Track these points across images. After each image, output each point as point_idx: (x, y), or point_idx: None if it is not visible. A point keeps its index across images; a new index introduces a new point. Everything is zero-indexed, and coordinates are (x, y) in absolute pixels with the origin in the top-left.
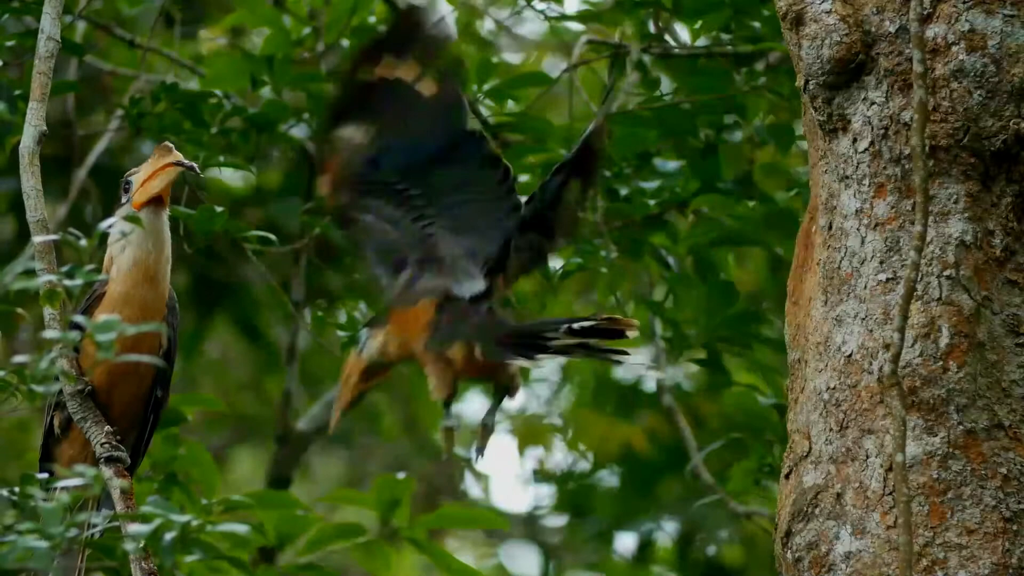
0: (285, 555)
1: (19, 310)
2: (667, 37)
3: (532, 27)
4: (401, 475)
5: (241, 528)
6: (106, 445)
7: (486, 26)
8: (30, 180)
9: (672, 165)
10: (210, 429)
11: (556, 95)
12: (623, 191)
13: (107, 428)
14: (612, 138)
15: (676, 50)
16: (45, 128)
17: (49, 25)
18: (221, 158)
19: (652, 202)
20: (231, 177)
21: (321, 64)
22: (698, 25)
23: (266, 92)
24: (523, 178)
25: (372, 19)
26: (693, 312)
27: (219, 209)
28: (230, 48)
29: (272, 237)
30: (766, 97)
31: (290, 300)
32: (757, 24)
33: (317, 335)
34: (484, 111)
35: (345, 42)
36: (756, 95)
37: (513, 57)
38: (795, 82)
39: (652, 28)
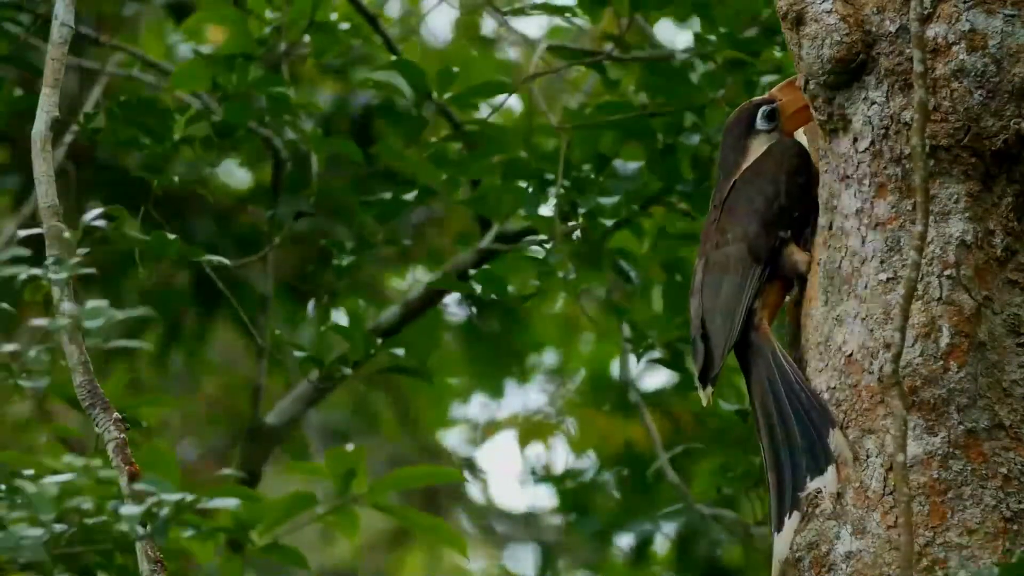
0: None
1: (5, 305)
2: (623, 38)
3: (532, 27)
4: (350, 447)
5: (231, 503)
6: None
7: (487, 27)
8: (42, 166)
9: (632, 166)
10: (210, 428)
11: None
12: (581, 209)
13: (115, 415)
14: (570, 147)
15: (636, 54)
16: (57, 114)
17: (63, 11)
18: (177, 175)
19: (609, 223)
20: (234, 176)
21: (283, 64)
22: (659, 13)
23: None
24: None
25: (333, 16)
26: (653, 312)
27: (172, 236)
28: (194, 48)
29: (226, 262)
30: (723, 108)
31: (261, 298)
32: (712, 37)
33: (281, 333)
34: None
35: (307, 38)
36: (713, 105)
37: (513, 55)
38: (746, 86)
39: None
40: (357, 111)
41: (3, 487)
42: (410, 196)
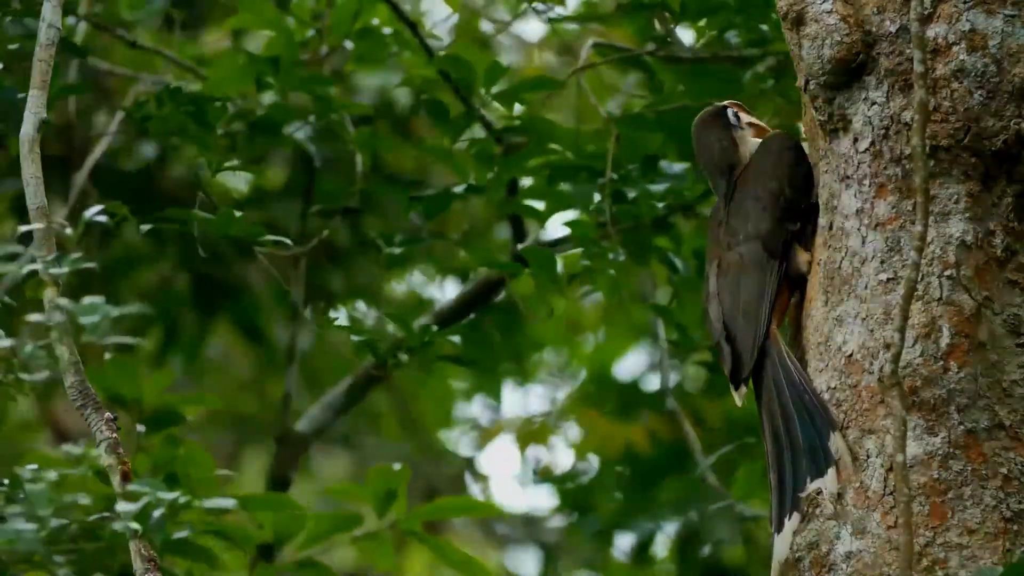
0: (285, 554)
1: (7, 299)
2: (671, 40)
3: (531, 27)
4: (397, 466)
5: (228, 503)
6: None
7: (485, 27)
8: (30, 168)
9: (678, 167)
10: (211, 430)
11: (562, 96)
12: (631, 194)
13: (107, 415)
14: (619, 141)
15: (681, 53)
16: (45, 115)
17: (50, 13)
18: (235, 161)
19: (660, 204)
20: (232, 178)
21: (325, 67)
22: (703, 22)
23: (269, 95)
24: (526, 181)
25: (375, 22)
26: (697, 314)
27: (238, 214)
28: (233, 50)
29: (287, 241)
30: (774, 101)
31: (291, 301)
32: (765, 27)
33: (321, 335)
34: (490, 115)
35: (349, 44)
36: (763, 98)
37: (513, 57)
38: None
39: (657, 29)
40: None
41: (2, 482)
42: (459, 189)
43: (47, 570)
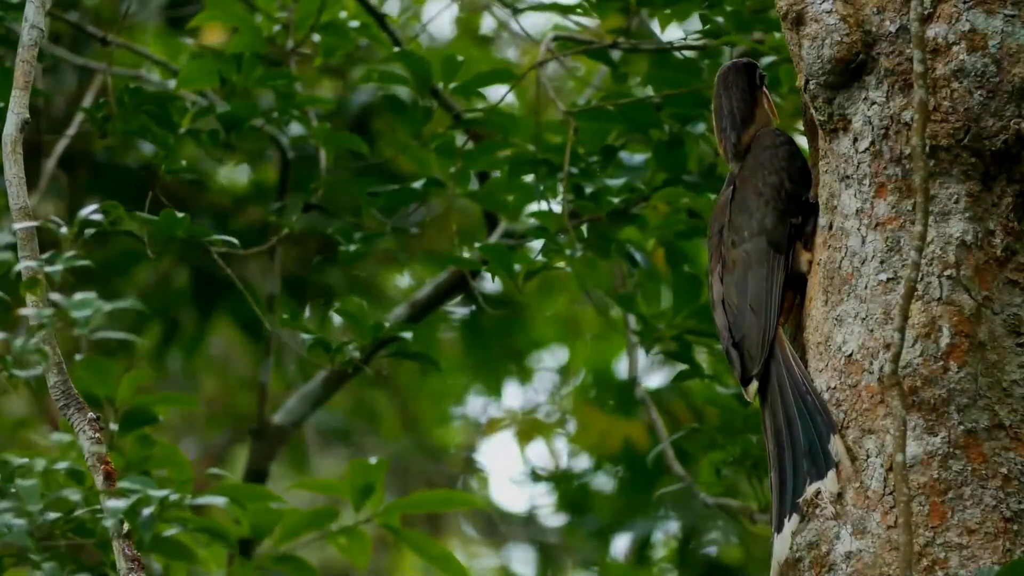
0: (262, 548)
1: (3, 295)
2: (635, 30)
3: (531, 26)
4: (373, 460)
5: (219, 500)
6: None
7: (486, 25)
8: (12, 168)
9: (638, 158)
10: (210, 428)
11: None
12: (588, 188)
13: (90, 415)
14: (577, 133)
15: (642, 44)
16: (28, 116)
17: (33, 13)
18: (184, 162)
19: (616, 200)
20: (231, 176)
21: (291, 62)
22: (668, 11)
23: (221, 94)
24: (495, 173)
25: (343, 14)
26: (661, 305)
27: (180, 215)
28: (201, 47)
29: (235, 241)
30: None
31: (268, 295)
32: (720, 19)
33: (283, 331)
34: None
35: (316, 37)
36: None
37: (512, 54)
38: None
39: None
40: (355, 110)
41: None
42: (418, 184)
43: (35, 565)
